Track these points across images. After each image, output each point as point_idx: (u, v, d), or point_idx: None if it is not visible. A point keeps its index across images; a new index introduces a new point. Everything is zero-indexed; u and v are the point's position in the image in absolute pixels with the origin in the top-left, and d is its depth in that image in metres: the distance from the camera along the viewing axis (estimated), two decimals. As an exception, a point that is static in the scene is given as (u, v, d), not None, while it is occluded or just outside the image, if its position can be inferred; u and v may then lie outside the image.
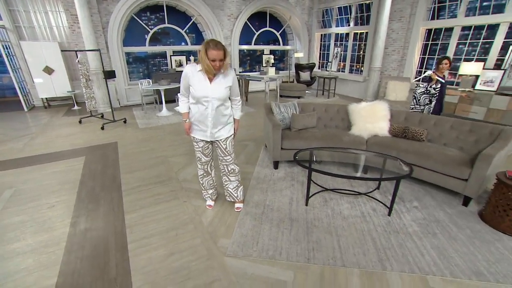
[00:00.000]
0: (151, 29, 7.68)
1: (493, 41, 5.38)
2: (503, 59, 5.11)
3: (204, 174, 2.57)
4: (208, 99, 2.14)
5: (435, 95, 4.00)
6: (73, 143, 4.50)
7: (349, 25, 8.50)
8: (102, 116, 5.89)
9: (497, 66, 5.33)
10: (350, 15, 8.38)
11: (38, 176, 3.37)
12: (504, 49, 5.27)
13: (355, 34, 8.40)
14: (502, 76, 5.00)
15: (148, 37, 7.73)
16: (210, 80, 2.11)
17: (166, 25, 7.82)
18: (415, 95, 4.18)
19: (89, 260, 2.04)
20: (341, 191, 2.97)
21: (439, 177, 2.85)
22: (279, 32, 9.72)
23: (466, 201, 2.74)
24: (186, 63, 7.77)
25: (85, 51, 5.47)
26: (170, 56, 7.81)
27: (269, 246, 2.15)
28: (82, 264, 2.01)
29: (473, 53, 5.83)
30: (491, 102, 4.95)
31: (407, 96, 6.28)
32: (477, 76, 5.36)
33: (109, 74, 5.19)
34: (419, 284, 1.84)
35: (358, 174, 3.23)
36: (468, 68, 5.42)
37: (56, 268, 1.95)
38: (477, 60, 5.65)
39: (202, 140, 2.37)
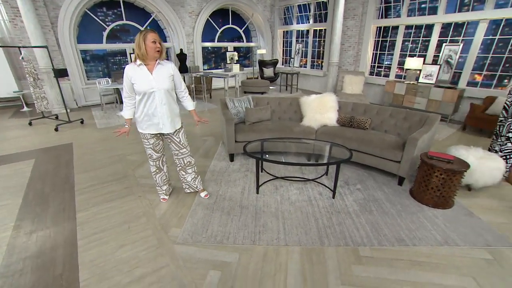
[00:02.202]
0: (108, 25, 7.39)
1: (430, 39, 5.95)
2: (439, 55, 5.67)
3: (157, 170, 2.62)
4: (153, 90, 2.19)
5: None
6: (21, 146, 4.25)
7: (309, 22, 8.83)
8: (57, 118, 5.60)
9: (435, 61, 5.90)
10: (309, 12, 8.71)
11: (-21, 181, 3.17)
12: (439, 46, 5.84)
13: (315, 31, 8.76)
14: (439, 71, 5.55)
15: (105, 34, 7.43)
16: (151, 71, 2.18)
17: (125, 21, 7.57)
18: (506, 104, 3.05)
19: (33, 260, 2.01)
20: (291, 178, 3.17)
21: (379, 161, 3.15)
22: (242, 29, 9.83)
23: (400, 180, 3.07)
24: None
25: (30, 47, 5.14)
26: (130, 54, 7.58)
27: (218, 232, 2.27)
28: (25, 264, 1.97)
29: (416, 49, 6.39)
30: (430, 94, 5.49)
31: (361, 89, 6.70)
32: (420, 70, 5.91)
33: (61, 73, 4.95)
34: (351, 254, 2.07)
35: (308, 162, 3.46)
36: (411, 63, 5.94)
37: (-6, 271, 1.90)
38: (419, 56, 6.21)
39: (153, 137, 2.42)
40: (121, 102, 6.39)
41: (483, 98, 5.03)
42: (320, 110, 3.69)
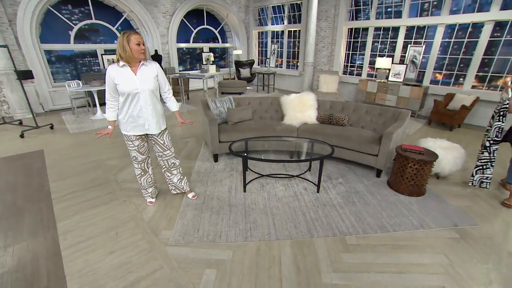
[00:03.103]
0: (75, 24, 7.00)
1: (397, 40, 6.39)
2: (405, 56, 6.10)
3: (142, 173, 2.57)
4: (138, 91, 2.17)
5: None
6: (-16, 155, 3.92)
7: (283, 23, 9.03)
8: (21, 123, 5.22)
9: (402, 61, 6.34)
10: (284, 13, 8.91)
11: None
12: (405, 47, 6.29)
13: (290, 31, 8.98)
14: (406, 70, 5.98)
15: (72, 34, 7.03)
16: (135, 72, 2.15)
17: (94, 21, 7.21)
18: (495, 112, 2.75)
19: (13, 275, 1.89)
20: (276, 175, 3.26)
21: (358, 155, 3.33)
22: (217, 30, 9.80)
23: (378, 173, 3.28)
24: (120, 62, 7.31)
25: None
26: (102, 55, 7.24)
27: (210, 232, 2.29)
28: (3, 280, 1.85)
29: (385, 50, 6.82)
30: (399, 91, 5.89)
31: (336, 88, 6.99)
32: (389, 70, 6.31)
33: (25, 75, 4.62)
34: (339, 244, 2.19)
35: (294, 159, 3.57)
36: (381, 62, 6.33)
37: (-29, 289, 1.77)
38: (388, 56, 6.63)
39: (138, 138, 2.38)
40: (94, 106, 6.10)
41: (444, 95, 5.50)
42: (300, 108, 3.82)
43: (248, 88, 8.96)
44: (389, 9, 6.41)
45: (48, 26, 6.81)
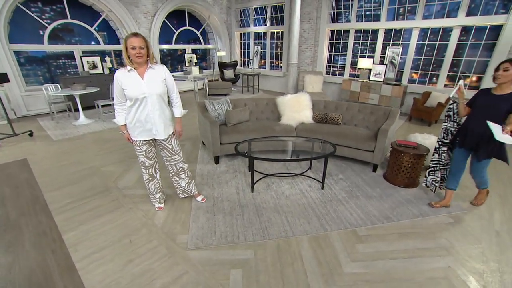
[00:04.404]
0: (48, 23, 6.57)
1: (376, 42, 6.76)
2: (385, 56, 6.48)
3: (150, 178, 2.52)
4: (145, 95, 2.14)
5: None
6: (-40, 167, 3.59)
7: (266, 25, 9.15)
8: (-8, 131, 4.82)
9: (381, 62, 6.72)
10: (266, 15, 9.02)
11: None
12: (384, 48, 6.68)
13: (272, 33, 9.11)
14: (385, 70, 6.35)
15: (46, 34, 6.59)
16: (142, 76, 2.12)
17: (70, 20, 6.82)
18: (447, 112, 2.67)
19: (28, 291, 1.79)
20: (280, 175, 3.35)
21: (355, 152, 3.51)
22: (199, 31, 9.69)
23: (375, 168, 3.48)
24: (101, 65, 6.98)
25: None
26: (80, 57, 6.86)
27: (227, 233, 2.32)
28: (20, 297, 1.75)
29: (365, 51, 7.18)
30: (381, 90, 6.24)
31: (321, 88, 7.24)
32: (370, 70, 6.65)
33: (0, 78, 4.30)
34: (351, 235, 2.32)
35: (300, 158, 3.67)
36: (363, 63, 6.66)
37: (-15, 309, 1.65)
38: (368, 57, 6.99)
39: (146, 144, 2.34)
40: (76, 110, 5.77)
41: (421, 93, 5.93)
42: (297, 108, 3.94)
43: (233, 89, 8.97)
44: (368, 13, 6.76)
45: (17, 25, 6.33)
